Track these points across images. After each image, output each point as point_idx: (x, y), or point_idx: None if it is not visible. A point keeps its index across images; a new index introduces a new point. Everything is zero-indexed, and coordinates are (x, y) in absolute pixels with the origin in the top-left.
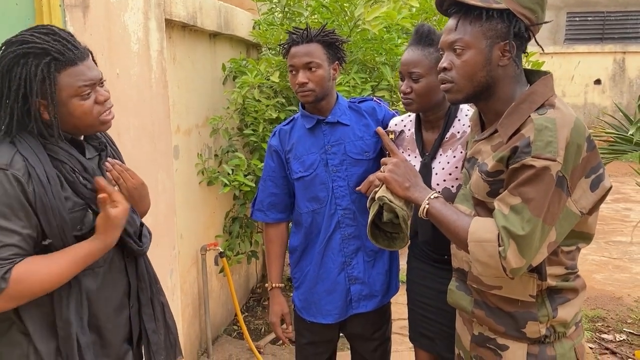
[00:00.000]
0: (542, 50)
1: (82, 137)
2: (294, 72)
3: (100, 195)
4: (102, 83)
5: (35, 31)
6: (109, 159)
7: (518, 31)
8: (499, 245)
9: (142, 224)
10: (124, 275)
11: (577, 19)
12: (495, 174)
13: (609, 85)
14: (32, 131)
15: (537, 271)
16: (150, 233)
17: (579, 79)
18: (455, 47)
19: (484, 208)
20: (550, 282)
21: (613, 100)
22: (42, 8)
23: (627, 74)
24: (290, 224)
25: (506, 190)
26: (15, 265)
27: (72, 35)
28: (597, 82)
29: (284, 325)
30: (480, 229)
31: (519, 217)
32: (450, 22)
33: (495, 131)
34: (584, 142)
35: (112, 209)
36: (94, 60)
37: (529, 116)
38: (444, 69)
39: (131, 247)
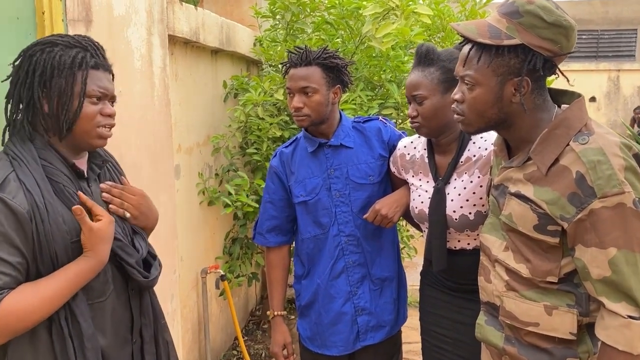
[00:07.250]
0: (566, 78)
1: (85, 156)
2: (291, 95)
3: (74, 207)
4: (112, 101)
5: (77, 36)
6: (105, 182)
7: (533, 67)
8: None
9: (154, 257)
10: (128, 309)
11: None
12: (545, 214)
13: (604, 102)
14: (31, 142)
15: (579, 306)
16: (160, 265)
17: None
18: (466, 81)
19: (521, 237)
20: (593, 317)
21: (608, 118)
22: (44, 22)
23: (621, 92)
24: (292, 248)
25: (593, 248)
26: (6, 296)
27: (103, 48)
28: (592, 99)
29: (285, 352)
30: (626, 336)
31: (630, 270)
32: (464, 50)
33: (528, 159)
34: (633, 161)
35: (95, 223)
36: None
37: (568, 144)
38: (456, 100)
39: (136, 278)
